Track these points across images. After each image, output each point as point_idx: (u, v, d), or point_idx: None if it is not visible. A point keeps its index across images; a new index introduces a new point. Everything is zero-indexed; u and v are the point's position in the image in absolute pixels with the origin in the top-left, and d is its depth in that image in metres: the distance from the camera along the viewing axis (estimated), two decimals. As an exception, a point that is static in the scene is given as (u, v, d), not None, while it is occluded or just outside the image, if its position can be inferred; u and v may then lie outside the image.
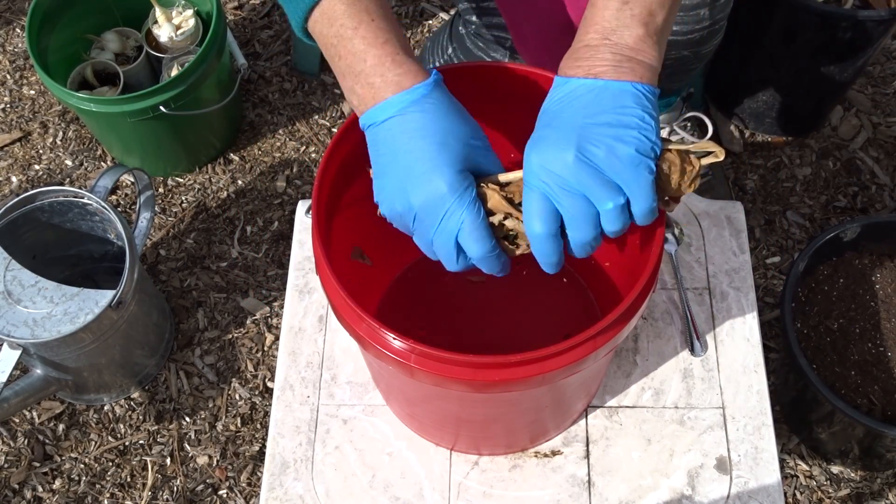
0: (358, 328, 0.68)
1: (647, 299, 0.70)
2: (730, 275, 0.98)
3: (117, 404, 1.33)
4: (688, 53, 1.06)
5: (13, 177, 1.54)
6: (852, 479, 1.25)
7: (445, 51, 1.27)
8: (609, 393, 0.92)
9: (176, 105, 1.33)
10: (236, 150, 1.54)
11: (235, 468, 1.29)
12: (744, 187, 1.47)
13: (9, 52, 1.67)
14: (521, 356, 0.65)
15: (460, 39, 1.20)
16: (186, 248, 1.45)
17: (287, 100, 1.58)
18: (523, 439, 0.88)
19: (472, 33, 1.16)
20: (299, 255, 1.01)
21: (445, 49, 1.27)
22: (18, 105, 1.61)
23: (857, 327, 1.15)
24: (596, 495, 0.87)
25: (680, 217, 1.01)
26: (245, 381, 1.35)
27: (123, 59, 1.46)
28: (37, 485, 1.28)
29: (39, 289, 1.16)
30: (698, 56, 1.08)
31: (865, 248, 1.20)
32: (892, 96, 1.55)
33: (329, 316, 0.97)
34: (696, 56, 1.08)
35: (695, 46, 1.05)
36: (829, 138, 1.51)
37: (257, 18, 1.67)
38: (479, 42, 1.15)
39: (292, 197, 1.49)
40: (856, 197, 1.46)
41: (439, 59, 1.28)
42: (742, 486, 0.87)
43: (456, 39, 1.22)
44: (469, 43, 1.17)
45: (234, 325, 1.39)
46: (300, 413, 0.92)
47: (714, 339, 0.94)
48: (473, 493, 0.88)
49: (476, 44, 1.15)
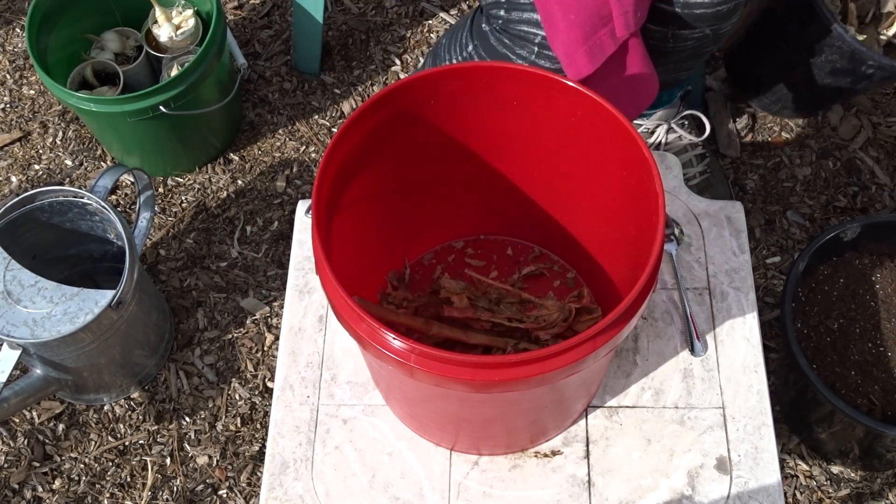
0: (358, 328, 0.68)
1: (647, 299, 0.69)
2: (730, 275, 0.98)
3: (117, 404, 1.33)
4: (709, 31, 1.07)
5: (13, 177, 1.54)
6: (852, 479, 1.25)
7: (465, 48, 1.25)
8: (609, 393, 0.92)
9: (176, 105, 1.33)
10: (236, 150, 1.54)
11: (235, 468, 1.29)
12: (744, 187, 1.47)
13: (9, 52, 1.67)
14: (521, 356, 0.64)
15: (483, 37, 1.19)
16: (186, 248, 1.45)
17: (287, 100, 1.58)
18: (523, 439, 0.88)
19: (496, 29, 1.15)
20: (299, 255, 1.01)
21: (465, 46, 1.25)
22: (18, 105, 1.61)
23: (857, 327, 1.15)
24: (596, 495, 0.87)
25: (680, 217, 1.01)
26: (245, 381, 1.35)
27: (123, 59, 1.46)
28: (37, 485, 1.28)
29: (39, 289, 1.16)
30: (717, 36, 1.09)
31: (865, 248, 1.20)
32: (892, 96, 1.55)
33: (329, 316, 0.97)
34: (714, 35, 1.09)
35: (718, 21, 1.06)
36: (829, 138, 1.51)
37: (257, 18, 1.67)
38: (504, 39, 1.14)
39: (292, 197, 1.49)
40: (856, 197, 1.46)
41: (458, 57, 1.27)
42: (742, 486, 0.87)
43: (478, 37, 1.21)
44: (493, 40, 1.16)
45: (234, 325, 1.39)
46: (300, 413, 0.92)
47: (714, 339, 0.94)
48: (473, 493, 0.88)
49: (501, 41, 1.14)
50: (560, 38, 1.02)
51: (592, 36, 0.99)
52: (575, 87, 0.74)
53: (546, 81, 0.75)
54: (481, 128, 0.82)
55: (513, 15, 1.11)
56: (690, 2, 1.03)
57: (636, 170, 0.73)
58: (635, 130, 0.72)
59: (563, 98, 0.76)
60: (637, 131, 0.72)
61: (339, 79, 1.60)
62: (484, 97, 0.79)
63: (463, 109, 0.80)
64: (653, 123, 1.33)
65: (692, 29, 1.07)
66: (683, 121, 1.35)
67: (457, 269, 0.98)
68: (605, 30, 0.99)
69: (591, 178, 0.83)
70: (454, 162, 0.86)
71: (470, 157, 0.86)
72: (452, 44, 1.30)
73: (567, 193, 0.88)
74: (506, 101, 0.79)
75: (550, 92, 0.76)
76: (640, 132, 1.27)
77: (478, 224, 0.98)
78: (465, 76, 0.77)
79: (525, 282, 0.96)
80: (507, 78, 0.77)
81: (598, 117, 0.75)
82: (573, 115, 0.77)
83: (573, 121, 0.77)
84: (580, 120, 0.77)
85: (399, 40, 1.64)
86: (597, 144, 0.77)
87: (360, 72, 1.61)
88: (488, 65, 0.77)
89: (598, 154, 0.78)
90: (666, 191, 0.85)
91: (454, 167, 0.87)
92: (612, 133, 0.74)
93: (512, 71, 0.76)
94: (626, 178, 0.76)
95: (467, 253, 0.99)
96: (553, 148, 0.83)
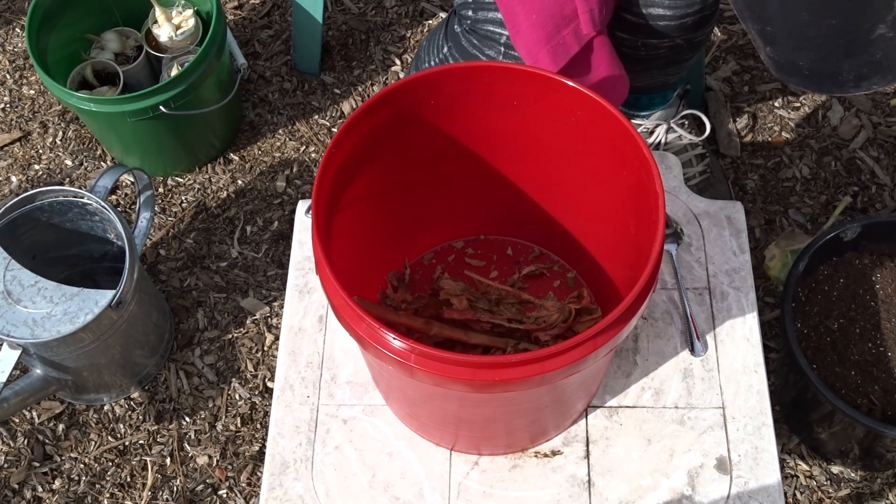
0: (358, 328, 0.68)
1: (647, 299, 0.69)
2: (730, 275, 0.98)
3: (117, 404, 1.33)
4: (681, 42, 1.06)
5: (13, 177, 1.54)
6: (852, 479, 1.25)
7: (441, 50, 1.26)
8: (609, 393, 0.92)
9: (176, 105, 1.33)
10: (236, 150, 1.54)
11: (235, 468, 1.29)
12: (744, 187, 1.47)
13: (9, 51, 1.67)
14: (521, 356, 0.64)
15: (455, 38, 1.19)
16: (186, 248, 1.45)
17: (287, 100, 1.58)
18: (523, 439, 0.88)
19: (466, 30, 1.15)
20: (299, 255, 1.01)
21: (441, 48, 1.26)
22: (18, 105, 1.61)
23: (857, 327, 1.15)
24: (596, 495, 0.87)
25: (680, 217, 1.01)
26: (245, 381, 1.35)
27: (123, 58, 1.46)
28: (37, 485, 1.28)
29: (39, 289, 1.16)
30: (692, 45, 1.09)
31: (865, 248, 1.20)
32: (892, 96, 1.55)
33: (329, 316, 0.97)
34: (689, 45, 1.08)
35: (688, 32, 1.06)
36: (829, 138, 1.51)
37: (257, 18, 1.67)
38: (472, 39, 1.14)
39: (292, 197, 1.49)
40: (856, 197, 1.46)
41: (434, 59, 1.28)
42: (742, 486, 0.87)
43: (451, 38, 1.21)
44: (464, 41, 1.17)
45: (234, 324, 1.39)
46: (300, 413, 0.92)
47: (714, 339, 0.94)
48: (473, 493, 0.88)
49: (470, 41, 1.15)
50: (522, 38, 1.01)
51: (555, 36, 0.98)
52: (575, 87, 0.74)
53: (546, 81, 0.75)
54: (481, 128, 0.82)
55: (479, 15, 1.11)
56: (654, 14, 1.03)
57: (636, 170, 0.73)
58: (635, 130, 0.72)
59: (563, 98, 0.76)
60: (637, 131, 0.72)
61: (339, 79, 1.60)
62: (484, 97, 0.79)
63: (463, 109, 0.80)
64: (652, 123, 1.33)
65: (661, 38, 1.06)
66: (683, 120, 1.35)
67: (457, 269, 0.98)
68: (567, 29, 0.98)
69: (591, 178, 0.83)
70: (454, 162, 0.86)
71: (470, 157, 0.86)
72: (431, 46, 1.31)
73: (567, 193, 0.88)
74: (506, 101, 0.79)
75: (550, 92, 0.76)
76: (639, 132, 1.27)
77: (478, 224, 0.98)
78: (465, 76, 0.77)
79: (525, 282, 0.96)
80: (507, 78, 0.77)
81: (597, 117, 0.75)
82: (573, 115, 0.77)
83: (573, 121, 0.77)
84: (580, 120, 0.77)
85: (399, 40, 1.64)
86: (597, 144, 0.77)
87: (360, 72, 1.61)
88: (488, 65, 0.77)
89: (598, 154, 0.78)
90: (666, 191, 0.85)
91: (454, 167, 0.87)
92: (611, 133, 0.74)
93: (512, 71, 0.76)
94: (626, 177, 0.76)
95: (467, 253, 0.99)
96: (553, 148, 0.83)
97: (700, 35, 1.08)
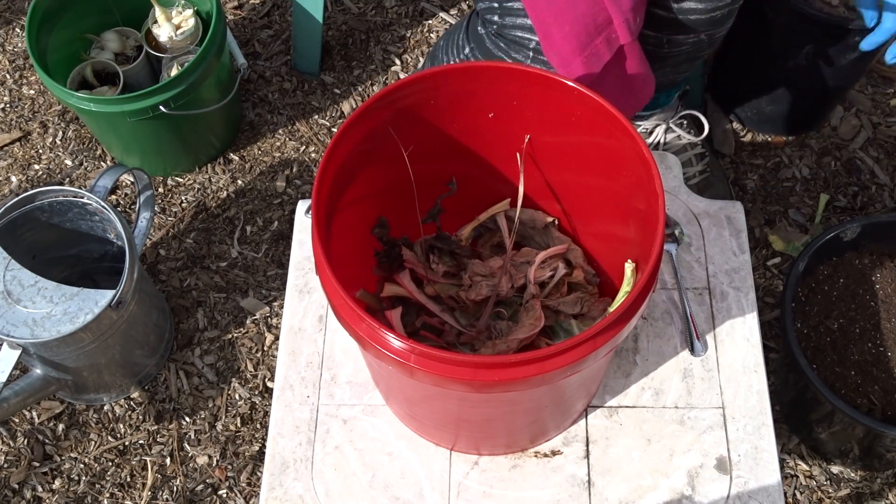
0: (358, 328, 0.68)
1: (647, 299, 0.69)
2: (730, 275, 0.98)
3: (117, 404, 1.33)
4: (704, 37, 1.07)
5: (13, 177, 1.54)
6: (852, 479, 1.25)
7: (462, 50, 1.25)
8: (609, 393, 0.92)
9: (176, 105, 1.33)
10: (236, 150, 1.54)
11: (235, 468, 1.29)
12: (744, 187, 1.47)
13: (9, 51, 1.67)
14: (521, 356, 0.64)
15: (479, 39, 1.19)
16: (186, 248, 1.45)
17: (287, 100, 1.58)
18: (523, 439, 0.88)
19: (492, 33, 1.15)
20: (299, 255, 1.01)
21: (462, 48, 1.25)
22: (18, 105, 1.61)
23: (857, 327, 1.15)
24: (596, 495, 0.87)
25: (680, 217, 1.01)
26: (245, 381, 1.35)
27: (123, 58, 1.46)
28: (36, 485, 1.28)
29: (39, 289, 1.16)
30: (711, 40, 1.10)
31: (865, 248, 1.20)
32: (892, 96, 1.55)
33: (329, 316, 0.97)
34: (709, 40, 1.09)
35: (713, 27, 1.07)
36: (829, 138, 1.51)
37: (257, 18, 1.67)
38: (500, 42, 1.14)
39: (292, 197, 1.49)
40: (856, 197, 1.46)
41: (455, 58, 1.27)
42: (742, 486, 0.87)
43: (474, 39, 1.21)
44: (489, 43, 1.16)
45: (234, 324, 1.39)
46: (300, 413, 0.92)
47: (714, 339, 0.94)
48: (473, 493, 0.88)
49: (497, 44, 1.15)
50: (555, 48, 1.01)
51: (588, 45, 0.98)
52: (575, 87, 0.74)
53: (546, 81, 0.75)
54: (481, 128, 0.82)
55: (506, 20, 1.11)
56: (685, 7, 1.03)
57: (636, 169, 0.73)
58: (635, 130, 0.72)
59: (563, 98, 0.76)
60: (637, 131, 0.72)
61: (339, 79, 1.60)
62: (484, 97, 0.79)
63: (463, 109, 0.80)
64: (651, 123, 1.33)
65: (687, 34, 1.07)
66: (682, 120, 1.35)
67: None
68: (600, 37, 0.99)
69: (590, 178, 0.83)
70: (454, 162, 0.86)
71: (469, 156, 0.86)
72: (450, 46, 1.30)
73: (567, 193, 0.88)
74: (506, 101, 0.79)
75: (550, 92, 0.76)
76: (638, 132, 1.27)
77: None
78: (465, 76, 0.77)
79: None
80: (507, 78, 0.77)
81: (598, 117, 0.75)
82: (573, 114, 0.77)
83: (573, 120, 0.77)
84: (580, 120, 0.77)
85: (399, 40, 1.64)
86: (597, 144, 0.77)
87: (360, 72, 1.61)
88: (488, 65, 0.77)
89: (598, 154, 0.78)
90: (666, 191, 0.85)
91: (454, 167, 0.87)
92: (611, 133, 0.74)
93: (512, 71, 0.76)
94: (626, 177, 0.76)
95: (467, 253, 0.99)
96: (553, 148, 0.83)
97: (723, 30, 1.10)
